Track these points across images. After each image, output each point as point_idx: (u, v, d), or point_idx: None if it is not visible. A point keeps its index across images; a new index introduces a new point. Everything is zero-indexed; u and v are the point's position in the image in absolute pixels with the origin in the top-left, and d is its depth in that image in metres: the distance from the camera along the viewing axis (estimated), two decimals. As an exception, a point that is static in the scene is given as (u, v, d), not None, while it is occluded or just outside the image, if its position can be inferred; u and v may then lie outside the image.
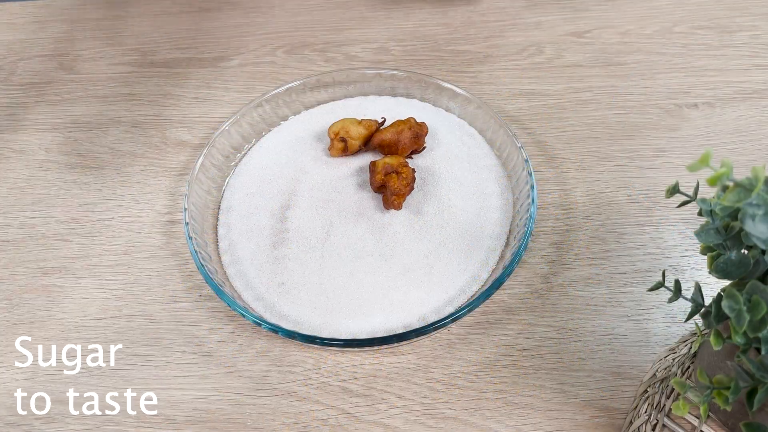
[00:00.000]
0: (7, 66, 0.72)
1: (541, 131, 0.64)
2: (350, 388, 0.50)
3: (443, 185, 0.59)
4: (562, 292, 0.54)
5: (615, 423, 0.48)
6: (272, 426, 0.49)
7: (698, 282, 0.39)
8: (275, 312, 0.53)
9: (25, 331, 0.54)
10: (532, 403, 0.49)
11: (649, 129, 0.64)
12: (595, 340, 0.52)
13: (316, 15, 0.76)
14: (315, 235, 0.56)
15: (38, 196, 0.62)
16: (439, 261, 0.54)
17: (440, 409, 0.49)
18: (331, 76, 0.65)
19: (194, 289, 0.55)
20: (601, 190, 0.60)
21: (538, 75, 0.69)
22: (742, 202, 0.29)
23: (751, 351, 0.34)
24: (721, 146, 0.63)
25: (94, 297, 0.55)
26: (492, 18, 0.75)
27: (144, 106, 0.68)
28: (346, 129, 0.59)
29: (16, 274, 0.57)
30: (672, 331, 0.52)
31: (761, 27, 0.72)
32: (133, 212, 0.60)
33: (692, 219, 0.58)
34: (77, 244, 0.59)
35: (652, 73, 0.68)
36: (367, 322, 0.52)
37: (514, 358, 0.51)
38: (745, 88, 0.67)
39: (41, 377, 0.51)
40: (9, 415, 0.50)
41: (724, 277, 0.34)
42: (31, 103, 0.69)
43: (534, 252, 0.57)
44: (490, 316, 0.53)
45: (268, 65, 0.72)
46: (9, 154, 0.65)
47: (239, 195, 0.60)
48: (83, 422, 0.49)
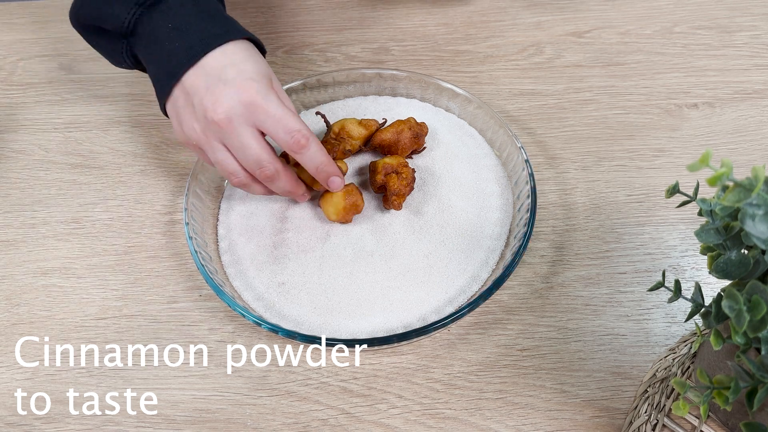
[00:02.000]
0: (7, 66, 0.72)
1: (541, 131, 0.64)
2: (350, 388, 0.50)
3: (443, 185, 0.59)
4: (562, 292, 0.54)
5: (615, 423, 0.48)
6: (272, 426, 0.49)
7: (698, 282, 0.39)
8: (275, 312, 0.53)
9: (25, 331, 0.54)
10: (532, 403, 0.49)
11: (649, 129, 0.64)
12: (595, 340, 0.52)
13: (316, 15, 0.76)
14: (315, 235, 0.56)
15: (38, 196, 0.62)
16: (439, 261, 0.54)
17: (440, 409, 0.49)
18: (331, 76, 0.65)
19: (194, 289, 0.55)
20: (601, 190, 0.60)
21: (538, 75, 0.69)
22: (742, 202, 0.29)
23: (751, 351, 0.34)
24: (721, 146, 0.63)
25: (94, 297, 0.55)
26: (492, 18, 0.75)
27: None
28: (347, 128, 0.59)
29: (16, 274, 0.57)
30: (672, 331, 0.52)
31: (761, 27, 0.72)
32: (133, 212, 0.60)
33: (692, 219, 0.58)
34: (77, 244, 0.59)
35: (652, 73, 0.69)
36: (367, 322, 0.52)
37: (514, 358, 0.51)
38: (745, 88, 0.67)
39: (41, 377, 0.51)
40: (9, 415, 0.50)
41: (724, 277, 0.34)
42: (31, 103, 0.69)
43: (534, 252, 0.57)
44: (490, 316, 0.53)
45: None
46: (9, 154, 0.65)
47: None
48: (83, 422, 0.49)
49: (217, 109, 0.47)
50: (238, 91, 0.47)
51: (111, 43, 0.53)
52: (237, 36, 0.50)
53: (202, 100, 0.47)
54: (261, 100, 0.47)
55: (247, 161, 0.49)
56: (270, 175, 0.50)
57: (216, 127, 0.47)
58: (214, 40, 0.49)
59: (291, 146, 0.48)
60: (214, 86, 0.47)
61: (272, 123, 0.47)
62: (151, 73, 0.52)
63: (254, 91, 0.47)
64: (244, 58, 0.49)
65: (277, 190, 0.53)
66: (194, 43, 0.49)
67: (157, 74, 0.51)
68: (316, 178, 0.52)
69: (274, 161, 0.50)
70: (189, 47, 0.48)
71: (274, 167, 0.50)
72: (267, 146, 0.49)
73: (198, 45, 0.48)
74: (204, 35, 0.49)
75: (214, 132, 0.48)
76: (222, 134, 0.48)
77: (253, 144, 0.48)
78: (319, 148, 0.50)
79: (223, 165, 0.50)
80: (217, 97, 0.47)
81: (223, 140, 0.48)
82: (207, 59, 0.48)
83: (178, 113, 0.50)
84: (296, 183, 0.53)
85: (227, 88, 0.47)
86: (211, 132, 0.48)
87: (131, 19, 0.50)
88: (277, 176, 0.50)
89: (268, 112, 0.47)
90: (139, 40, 0.51)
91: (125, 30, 0.50)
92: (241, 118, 0.47)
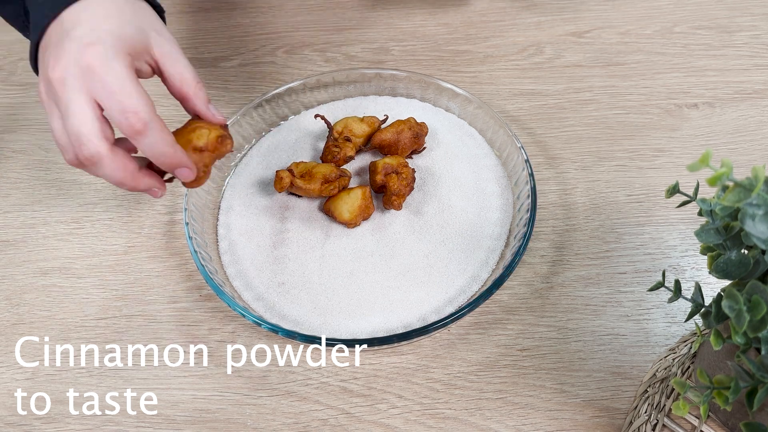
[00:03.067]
0: (7, 66, 0.72)
1: (541, 131, 0.64)
2: (350, 388, 0.50)
3: (443, 185, 0.59)
4: (562, 292, 0.54)
5: (615, 423, 0.48)
6: (272, 426, 0.49)
7: (698, 282, 0.39)
8: (275, 312, 0.53)
9: (25, 331, 0.54)
10: (532, 403, 0.49)
11: (649, 129, 0.64)
12: (595, 340, 0.52)
13: (316, 15, 0.76)
14: (315, 235, 0.56)
15: (38, 196, 0.62)
16: (439, 261, 0.54)
17: (440, 409, 0.49)
18: (331, 76, 0.65)
19: (194, 289, 0.56)
20: (601, 190, 0.60)
21: (538, 75, 0.69)
22: (742, 202, 0.29)
23: (751, 351, 0.34)
24: (721, 146, 0.63)
25: (94, 297, 0.55)
26: (492, 18, 0.75)
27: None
28: (349, 127, 0.59)
29: (16, 274, 0.57)
30: (672, 331, 0.52)
31: (761, 27, 0.72)
32: (133, 212, 0.60)
33: (692, 219, 0.58)
34: (77, 244, 0.59)
35: (652, 73, 0.69)
36: (367, 322, 0.52)
37: (514, 358, 0.51)
38: (745, 88, 0.67)
39: (41, 377, 0.51)
40: (9, 415, 0.50)
41: (724, 277, 0.34)
42: (31, 103, 0.69)
43: (534, 252, 0.57)
44: (490, 316, 0.53)
45: (268, 65, 0.72)
46: (9, 154, 0.65)
47: (239, 195, 0.60)
48: (83, 422, 0.49)
49: (56, 67, 0.40)
50: (79, 51, 0.40)
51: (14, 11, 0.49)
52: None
53: (49, 57, 0.41)
54: (99, 66, 0.40)
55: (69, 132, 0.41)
56: (88, 156, 0.41)
57: (52, 88, 0.41)
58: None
59: (125, 129, 0.41)
60: (60, 42, 0.41)
61: (106, 96, 0.40)
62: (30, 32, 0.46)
63: (96, 55, 0.40)
64: (107, 15, 0.42)
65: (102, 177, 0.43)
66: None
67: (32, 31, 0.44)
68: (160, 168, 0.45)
69: (98, 142, 0.41)
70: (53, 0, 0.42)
71: (95, 148, 0.41)
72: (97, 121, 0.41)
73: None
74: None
75: (51, 93, 0.41)
76: (56, 97, 0.41)
77: (78, 113, 0.40)
78: (161, 136, 0.42)
79: (54, 135, 0.42)
80: (59, 54, 0.41)
81: (57, 104, 0.41)
82: (67, 12, 0.42)
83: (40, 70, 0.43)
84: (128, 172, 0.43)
85: (71, 44, 0.41)
86: (50, 93, 0.42)
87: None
88: (98, 159, 0.41)
89: (105, 82, 0.40)
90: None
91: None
92: (77, 82, 0.40)
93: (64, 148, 0.43)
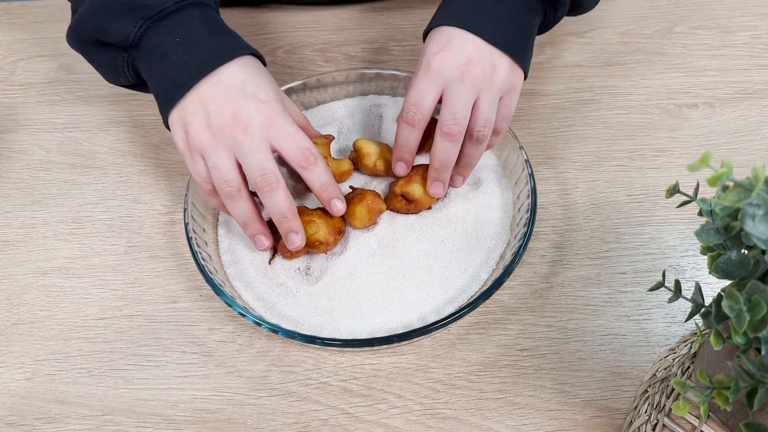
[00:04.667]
0: (7, 66, 0.72)
1: (541, 131, 0.64)
2: (350, 388, 0.50)
3: (443, 185, 0.59)
4: (562, 292, 0.54)
5: (615, 423, 0.48)
6: (272, 426, 0.49)
7: (698, 282, 0.39)
8: (275, 312, 0.53)
9: (25, 331, 0.54)
10: (532, 403, 0.49)
11: (649, 129, 0.64)
12: (595, 340, 0.52)
13: (316, 15, 0.76)
14: (315, 235, 0.56)
15: (38, 196, 0.62)
16: (439, 261, 0.54)
17: (440, 409, 0.49)
18: (331, 76, 0.65)
19: (194, 289, 0.56)
20: (601, 190, 0.60)
21: (538, 75, 0.69)
22: (742, 202, 0.29)
23: (751, 351, 0.34)
24: (721, 146, 0.63)
25: (94, 297, 0.55)
26: (492, 18, 0.75)
27: (144, 106, 0.68)
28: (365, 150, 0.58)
29: (16, 274, 0.57)
30: (672, 331, 0.52)
31: (761, 27, 0.72)
32: (133, 212, 0.60)
33: (692, 219, 0.58)
34: (77, 244, 0.59)
35: (652, 73, 0.69)
36: (367, 322, 0.52)
37: (514, 358, 0.51)
38: (745, 88, 0.67)
39: (41, 377, 0.51)
40: (9, 415, 0.50)
41: (724, 277, 0.34)
42: (31, 103, 0.69)
43: (534, 252, 0.57)
44: (490, 316, 0.53)
45: (268, 65, 0.72)
46: (9, 154, 0.65)
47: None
48: (83, 422, 0.49)
49: (239, 119, 0.49)
50: (258, 107, 0.50)
51: (111, 57, 0.53)
52: (245, 51, 0.52)
53: (220, 108, 0.49)
54: (279, 119, 0.50)
55: (252, 167, 0.50)
56: (269, 182, 0.49)
57: (231, 134, 0.49)
58: (226, 54, 0.51)
59: (300, 161, 0.50)
60: (235, 98, 0.50)
61: (286, 138, 0.50)
62: (153, 85, 0.53)
63: (275, 111, 0.50)
64: (259, 76, 0.52)
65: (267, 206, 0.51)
66: (205, 57, 0.50)
67: (161, 86, 0.52)
68: (319, 198, 0.53)
69: (277, 173, 0.50)
70: (200, 61, 0.50)
71: (275, 176, 0.50)
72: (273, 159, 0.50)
73: (210, 59, 0.50)
74: (214, 49, 0.51)
75: (226, 139, 0.50)
76: (235, 142, 0.49)
77: (263, 152, 0.50)
78: (325, 169, 0.52)
79: (222, 171, 0.50)
80: (238, 108, 0.49)
81: (234, 147, 0.50)
82: (223, 72, 0.50)
83: (185, 120, 0.50)
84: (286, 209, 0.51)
85: (248, 101, 0.50)
86: (223, 138, 0.50)
87: (137, 33, 0.51)
88: (275, 187, 0.50)
89: (284, 129, 0.50)
90: (143, 53, 0.52)
91: (129, 43, 0.51)
92: (259, 129, 0.49)
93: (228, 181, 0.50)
